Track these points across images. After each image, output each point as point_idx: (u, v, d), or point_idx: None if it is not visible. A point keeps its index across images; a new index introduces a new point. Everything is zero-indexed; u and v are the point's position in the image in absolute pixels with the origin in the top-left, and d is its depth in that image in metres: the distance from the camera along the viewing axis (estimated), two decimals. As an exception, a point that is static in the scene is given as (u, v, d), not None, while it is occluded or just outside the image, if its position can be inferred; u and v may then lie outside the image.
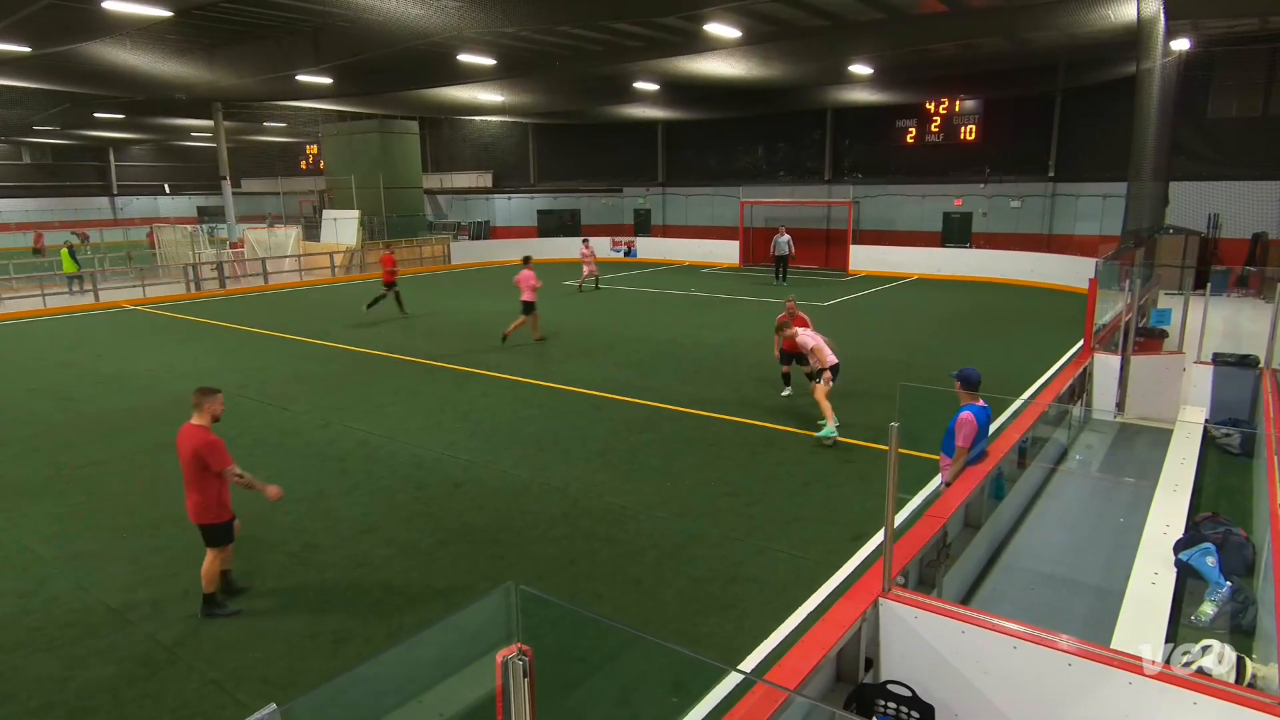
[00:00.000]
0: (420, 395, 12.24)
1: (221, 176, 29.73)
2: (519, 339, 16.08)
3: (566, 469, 9.04)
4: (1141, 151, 14.38)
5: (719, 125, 31.96)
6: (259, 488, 6.06)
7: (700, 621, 5.91)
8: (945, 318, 18.98)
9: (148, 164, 56.90)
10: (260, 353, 15.67)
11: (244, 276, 26.82)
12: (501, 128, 38.61)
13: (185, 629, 5.84)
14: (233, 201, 30.53)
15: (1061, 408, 8.96)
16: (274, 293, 25.03)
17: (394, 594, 6.34)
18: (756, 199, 31.17)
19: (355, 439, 10.13)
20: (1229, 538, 5.97)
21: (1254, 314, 15.16)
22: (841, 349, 10.26)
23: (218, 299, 23.64)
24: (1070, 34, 17.61)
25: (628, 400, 11.82)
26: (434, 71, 21.71)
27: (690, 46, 18.76)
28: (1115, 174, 19.19)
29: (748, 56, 19.63)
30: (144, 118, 33.71)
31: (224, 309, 21.54)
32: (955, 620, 3.90)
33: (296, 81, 21.84)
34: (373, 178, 32.40)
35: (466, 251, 33.10)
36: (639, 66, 21.06)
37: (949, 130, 27.73)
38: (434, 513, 7.88)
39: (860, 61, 21.08)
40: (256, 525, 7.53)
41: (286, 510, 7.72)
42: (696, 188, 34.07)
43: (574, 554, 7.00)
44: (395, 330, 17.75)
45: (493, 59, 20.33)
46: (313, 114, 35.06)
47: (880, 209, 29.34)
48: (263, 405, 11.76)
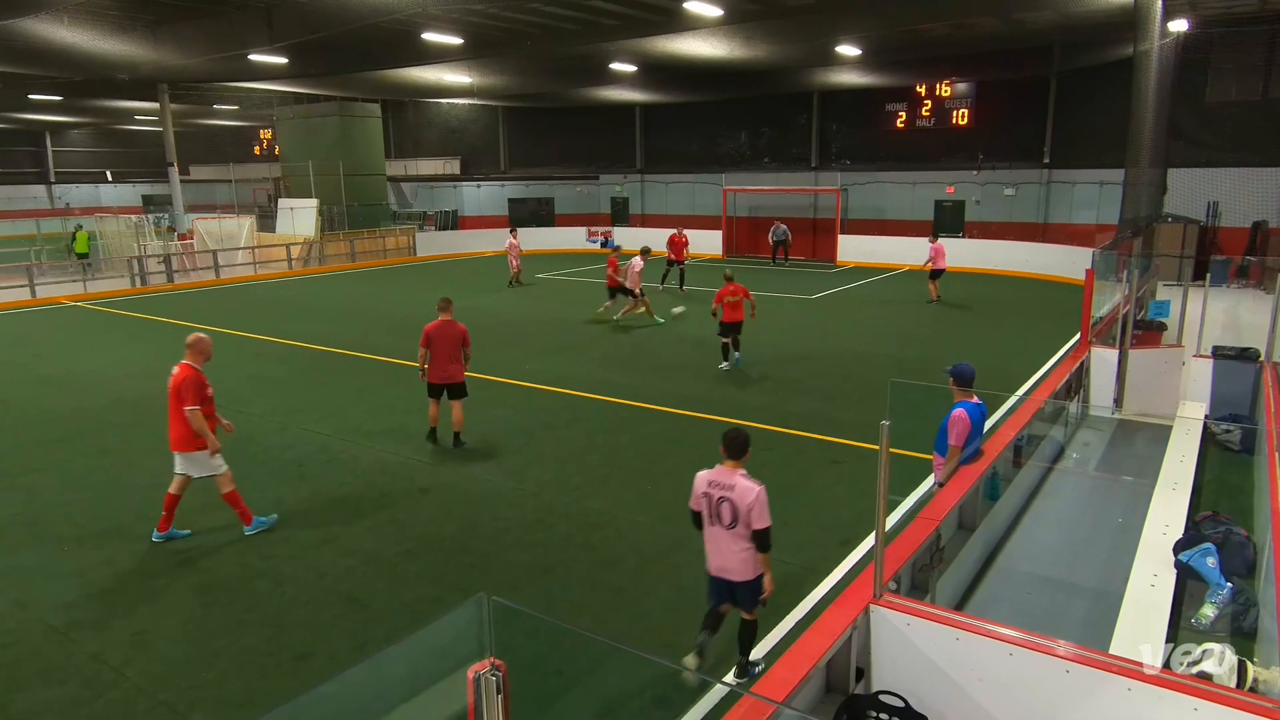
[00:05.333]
0: (385, 396, 12.16)
1: (168, 163, 29.36)
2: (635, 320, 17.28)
3: (541, 472, 9.02)
4: (1139, 137, 14.61)
5: (700, 109, 32.02)
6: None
7: (684, 631, 5.91)
8: (937, 311, 19.16)
9: (88, 149, 55.94)
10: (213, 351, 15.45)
11: (194, 270, 26.46)
12: (470, 111, 38.39)
13: (133, 648, 5.76)
14: (181, 190, 30.15)
15: (1058, 404, 9.08)
16: (226, 287, 24.74)
17: (358, 607, 6.29)
18: (740, 186, 31.28)
19: (315, 443, 10.04)
20: (1229, 537, 6.08)
21: (1254, 305, 15.47)
22: (829, 344, 10.34)
23: (165, 294, 23.32)
24: (1065, 14, 17.84)
25: (606, 399, 11.82)
26: (397, 51, 21.54)
27: (669, 25, 18.77)
28: (1112, 160, 19.48)
29: (730, 36, 19.67)
30: (83, 100, 33.17)
31: (172, 305, 21.25)
32: (949, 627, 3.94)
33: (249, 61, 21.56)
34: (332, 164, 32.11)
35: (433, 243, 32.90)
36: (616, 46, 21.04)
37: (940, 115, 27.98)
38: (400, 520, 7.83)
39: (848, 42, 21.22)
40: (206, 533, 7.44)
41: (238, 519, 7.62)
42: (677, 175, 34.13)
43: (550, 562, 6.98)
44: (357, 328, 17.61)
45: (460, 38, 20.21)
46: (267, 96, 34.66)
47: (869, 197, 29.57)
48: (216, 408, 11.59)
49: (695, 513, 5.18)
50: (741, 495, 4.94)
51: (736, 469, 5.06)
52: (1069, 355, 11.23)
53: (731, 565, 5.08)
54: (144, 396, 12.20)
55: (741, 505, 4.94)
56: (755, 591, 5.12)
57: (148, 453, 9.71)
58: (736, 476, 5.01)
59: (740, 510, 4.95)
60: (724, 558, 5.10)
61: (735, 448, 5.10)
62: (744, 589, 5.11)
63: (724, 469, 5.07)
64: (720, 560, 5.13)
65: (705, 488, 5.08)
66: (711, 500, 5.06)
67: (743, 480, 4.99)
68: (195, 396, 7.14)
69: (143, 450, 9.80)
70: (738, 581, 5.10)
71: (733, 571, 5.09)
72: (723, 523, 5.04)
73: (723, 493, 5.01)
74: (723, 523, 5.04)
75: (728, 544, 5.06)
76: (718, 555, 5.12)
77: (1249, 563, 6.09)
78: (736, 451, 5.10)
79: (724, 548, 5.08)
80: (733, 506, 4.97)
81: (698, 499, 5.13)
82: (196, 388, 7.17)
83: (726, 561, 5.10)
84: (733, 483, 4.99)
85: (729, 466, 5.07)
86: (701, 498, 5.11)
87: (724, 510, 5.01)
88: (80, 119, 44.02)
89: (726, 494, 5.00)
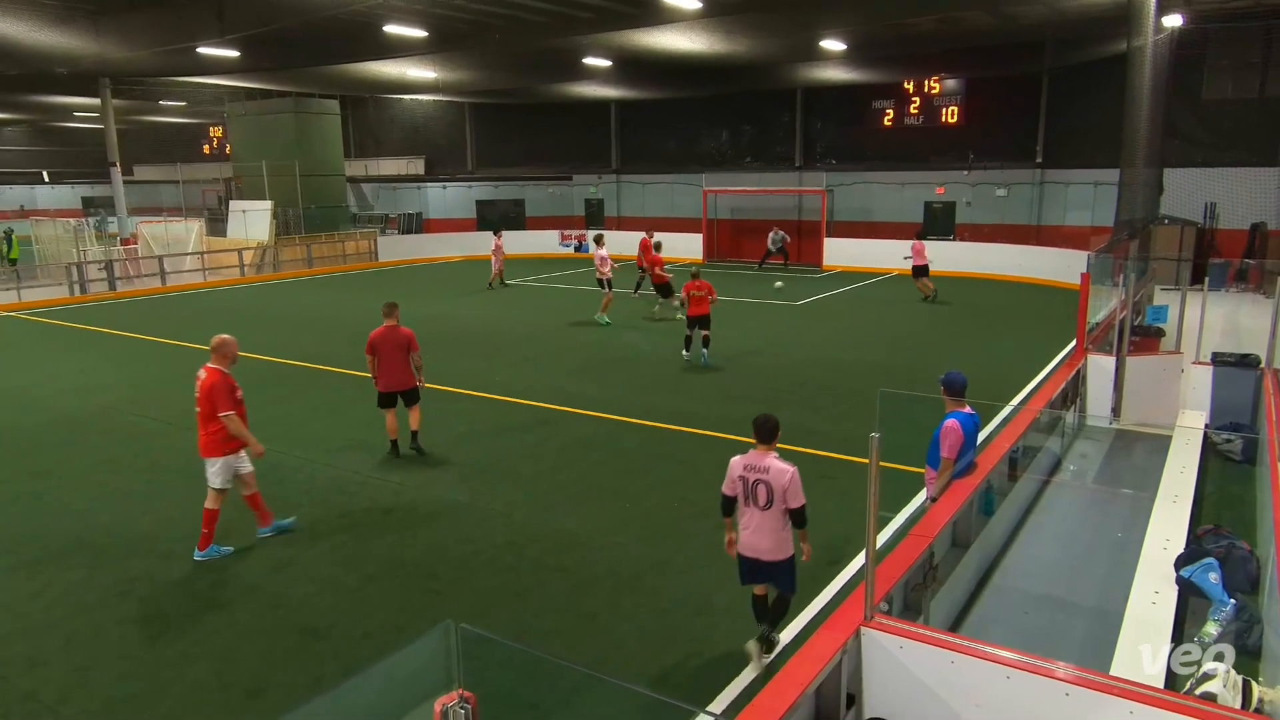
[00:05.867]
0: (343, 410, 12.05)
1: (111, 163, 28.94)
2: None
3: (512, 491, 8.97)
4: (1134, 136, 14.88)
5: (679, 106, 32.17)
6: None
7: (665, 658, 5.90)
8: (928, 316, 19.35)
9: (23, 148, 55.08)
10: (159, 364, 15.28)
11: (138, 277, 26.15)
12: (435, 108, 38.30)
13: (70, 683, 5.64)
14: (124, 191, 29.75)
15: (1054, 414, 9.18)
16: (173, 295, 24.45)
17: (315, 638, 6.22)
18: (721, 187, 31.43)
19: (269, 461, 9.88)
20: (1232, 552, 6.17)
21: (1254, 310, 15.78)
22: (816, 352, 10.40)
23: (107, 303, 22.99)
24: (1056, 8, 18.14)
25: (580, 412, 11.79)
26: (357, 44, 21.42)
27: (646, 18, 18.83)
28: (1107, 160, 19.80)
29: (710, 30, 19.79)
30: (18, 95, 32.63)
31: (115, 314, 20.96)
32: (943, 649, 3.96)
33: (198, 54, 21.36)
34: (287, 164, 31.85)
35: (396, 247, 32.73)
36: (589, 40, 21.08)
37: (929, 112, 28.31)
38: (360, 544, 7.75)
39: (832, 36, 21.40)
40: (153, 560, 7.32)
41: (189, 545, 7.52)
42: (654, 175, 34.22)
43: (521, 587, 6.94)
44: (313, 338, 17.45)
45: (424, 30, 20.14)
46: (217, 91, 34.33)
47: (856, 198, 29.81)
48: (163, 425, 11.46)
49: (727, 497, 5.69)
50: (777, 476, 5.48)
51: (769, 452, 5.59)
52: (1065, 363, 11.38)
53: (765, 545, 5.60)
54: (85, 414, 12.01)
55: (777, 486, 5.48)
56: (789, 571, 5.68)
57: (88, 474, 9.55)
58: (770, 459, 5.55)
59: (776, 491, 5.49)
60: (759, 538, 5.61)
61: (766, 433, 5.63)
62: (776, 568, 5.66)
63: (757, 453, 5.60)
64: (755, 540, 5.63)
65: (741, 471, 5.60)
66: (748, 483, 5.58)
67: (776, 462, 5.53)
68: (228, 401, 7.29)
69: (83, 471, 9.63)
70: (768, 561, 5.63)
71: (766, 551, 5.61)
72: (759, 504, 5.56)
73: (758, 475, 5.53)
74: (759, 504, 5.56)
75: (763, 524, 5.58)
76: (752, 536, 5.63)
77: (1252, 578, 6.18)
78: (767, 436, 5.63)
79: (760, 528, 5.60)
80: (768, 488, 5.50)
81: (733, 483, 5.64)
82: (227, 391, 7.32)
83: (761, 541, 5.61)
84: (767, 465, 5.52)
85: (761, 450, 5.60)
86: (737, 481, 5.62)
87: (760, 492, 5.54)
88: (14, 115, 43.36)
89: (762, 476, 5.52)
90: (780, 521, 5.54)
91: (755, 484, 5.53)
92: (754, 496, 5.55)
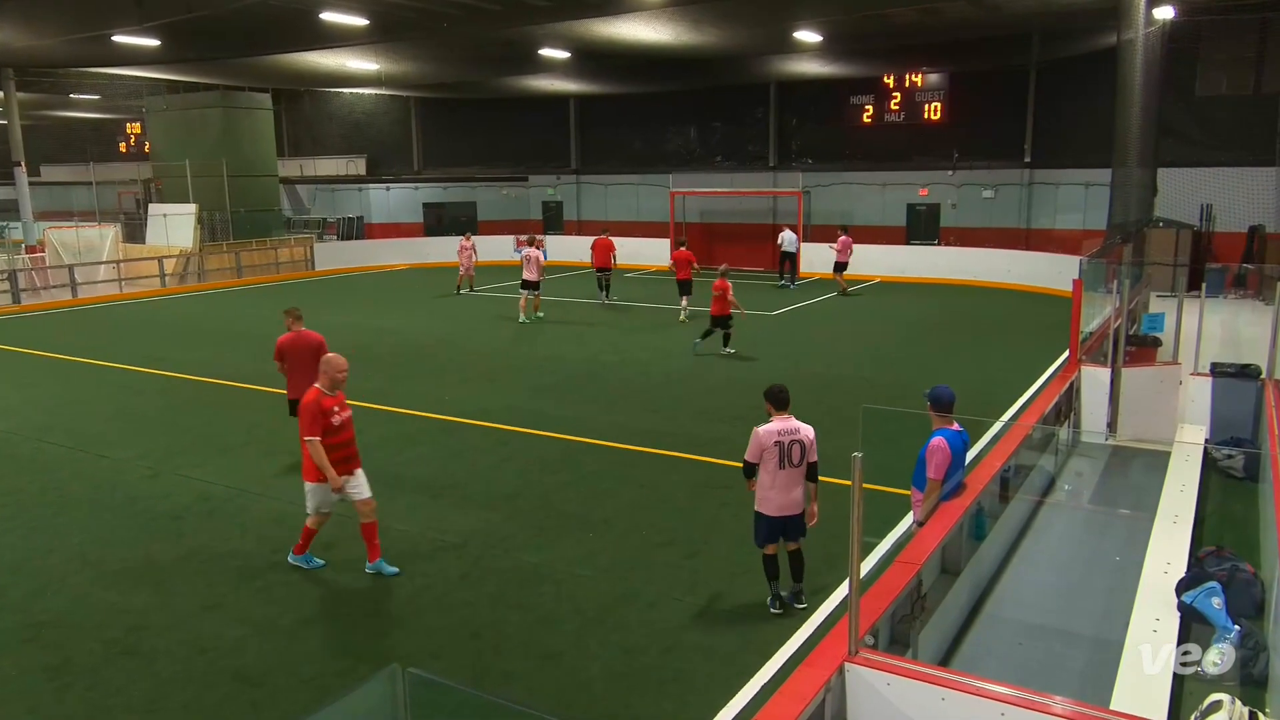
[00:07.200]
0: (280, 434, 11.87)
1: (14, 162, 28.47)
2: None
3: (466, 520, 8.91)
4: (1126, 133, 15.26)
5: (644, 101, 32.34)
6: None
7: (633, 701, 5.88)
8: (913, 327, 19.59)
9: (-85, 146, 53.84)
10: (69, 384, 15.01)
11: (45, 289, 25.64)
12: (378, 103, 38.12)
13: (-30, 744, 5.49)
14: (29, 194, 29.22)
15: (1047, 430, 9.32)
16: (86, 308, 24.08)
17: (248, 685, 6.12)
18: (689, 189, 31.58)
19: (194, 491, 9.76)
20: (1235, 575, 6.30)
21: (1253, 317, 16.15)
22: (793, 366, 10.47)
23: (11, 317, 22.53)
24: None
25: (539, 433, 11.75)
26: (290, 33, 21.28)
27: (607, 6, 18.94)
28: (1098, 159, 20.25)
29: (676, 19, 19.95)
30: (-91, 88, 31.88)
31: (19, 330, 20.53)
32: (934, 685, 4.00)
33: (113, 43, 21.09)
34: (213, 163, 31.51)
35: (335, 254, 32.41)
36: (546, 29, 21.14)
37: (911, 109, 28.73)
38: (298, 581, 7.65)
39: (807, 27, 21.68)
40: (63, 602, 7.15)
41: (103, 585, 7.36)
42: (618, 175, 34.31)
43: (477, 625, 6.89)
44: (245, 355, 17.22)
45: (365, 18, 20.06)
46: (136, 84, 33.89)
47: (835, 200, 30.08)
48: (73, 451, 11.23)
49: (750, 464, 6.69)
50: (806, 434, 6.68)
51: (790, 416, 6.72)
52: (1057, 375, 11.57)
53: (795, 501, 6.73)
54: (-16, 440, 11.73)
55: (808, 442, 6.67)
56: (803, 523, 6.86)
57: (-12, 508, 9.32)
58: (795, 421, 6.69)
59: (807, 447, 6.66)
60: (792, 495, 6.72)
61: (784, 401, 6.78)
62: (796, 521, 6.80)
63: (780, 419, 6.68)
64: (787, 498, 6.70)
65: (776, 438, 6.59)
66: (784, 446, 6.59)
67: (799, 423, 6.70)
68: (312, 425, 7.26)
69: (-18, 505, 9.39)
70: (794, 516, 6.76)
71: (796, 504, 6.75)
72: (793, 462, 6.63)
73: (793, 437, 6.62)
74: (793, 462, 6.63)
75: (792, 480, 6.68)
76: (784, 494, 6.68)
77: (1256, 602, 6.31)
78: (784, 403, 6.78)
79: (791, 484, 6.68)
80: (802, 446, 6.63)
81: (767, 449, 6.58)
82: (315, 414, 7.27)
83: (794, 495, 6.73)
84: (795, 427, 6.68)
85: (783, 416, 6.71)
86: (773, 447, 6.58)
87: (795, 451, 6.62)
88: (-94, 110, 42.39)
89: (795, 437, 6.63)
90: (802, 476, 6.69)
91: (791, 445, 6.56)
92: (789, 457, 6.57)
